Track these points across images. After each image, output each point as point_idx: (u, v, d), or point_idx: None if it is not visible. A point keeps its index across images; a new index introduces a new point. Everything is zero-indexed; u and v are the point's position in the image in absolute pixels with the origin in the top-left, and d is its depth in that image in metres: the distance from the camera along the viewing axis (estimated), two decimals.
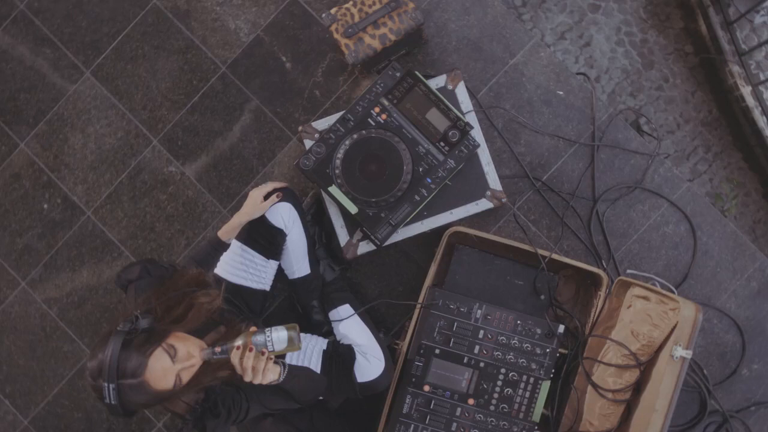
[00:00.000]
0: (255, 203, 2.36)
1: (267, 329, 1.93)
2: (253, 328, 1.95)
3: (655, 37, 2.98)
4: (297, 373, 2.12)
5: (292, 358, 2.33)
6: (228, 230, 2.35)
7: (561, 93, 2.69)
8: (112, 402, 1.78)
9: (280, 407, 2.22)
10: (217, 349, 1.89)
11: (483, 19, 2.73)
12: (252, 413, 2.14)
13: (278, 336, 1.93)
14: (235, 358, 1.89)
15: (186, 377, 1.88)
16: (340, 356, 2.36)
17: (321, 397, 2.37)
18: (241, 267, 2.38)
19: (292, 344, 1.93)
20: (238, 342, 1.89)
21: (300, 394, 2.16)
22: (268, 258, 2.41)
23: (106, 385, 1.77)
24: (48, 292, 2.88)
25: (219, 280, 2.36)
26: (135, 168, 2.85)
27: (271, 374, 1.96)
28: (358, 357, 2.36)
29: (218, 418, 2.03)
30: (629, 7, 2.98)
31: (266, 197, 2.38)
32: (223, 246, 2.35)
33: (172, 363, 1.84)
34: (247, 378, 1.90)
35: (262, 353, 1.90)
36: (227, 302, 2.28)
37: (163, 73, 2.85)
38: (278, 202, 2.37)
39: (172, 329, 1.90)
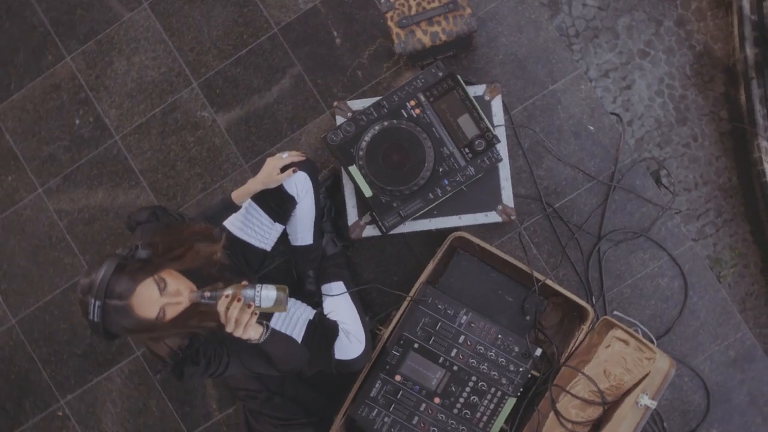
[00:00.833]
0: (270, 173, 2.40)
1: (258, 285, 1.98)
2: (244, 282, 2.01)
3: (694, 95, 3.03)
4: (279, 338, 2.16)
5: (278, 322, 2.41)
6: (242, 194, 2.40)
7: (591, 128, 2.75)
8: (95, 319, 1.85)
9: (259, 371, 2.28)
10: (206, 294, 1.94)
11: (534, 40, 2.78)
12: (230, 370, 2.19)
13: (267, 294, 1.97)
14: (221, 306, 1.94)
15: (170, 313, 1.93)
16: (324, 329, 2.44)
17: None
18: (247, 223, 2.46)
19: (279, 304, 1.98)
20: (228, 291, 1.95)
21: (280, 361, 2.21)
22: (275, 221, 2.49)
23: (92, 300, 1.84)
24: (62, 203, 2.97)
25: (223, 230, 2.44)
26: (170, 105, 2.93)
27: (253, 331, 2.01)
28: (341, 335, 2.44)
29: (197, 367, 2.09)
30: (677, 61, 3.03)
31: (284, 169, 2.43)
32: (235, 208, 2.40)
33: (160, 295, 1.90)
34: (229, 328, 1.95)
35: (249, 306, 1.95)
36: (226, 251, 2.35)
37: (217, 21, 2.91)
38: (298, 171, 2.43)
39: (167, 265, 1.96)
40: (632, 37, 3.07)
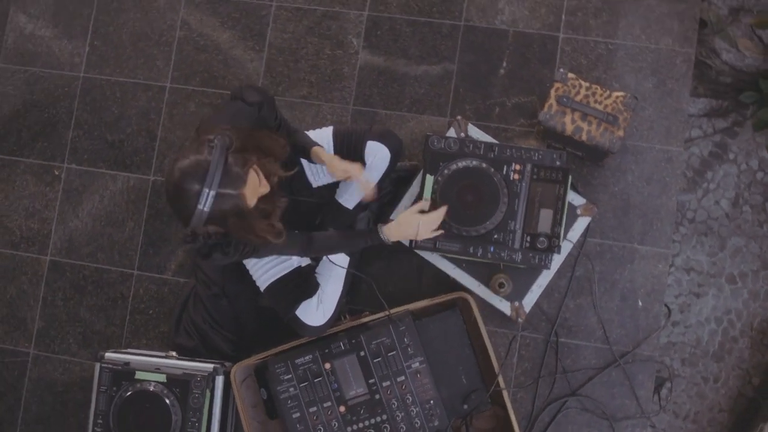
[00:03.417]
0: (343, 173, 2.43)
1: None
2: None
3: (744, 346, 2.97)
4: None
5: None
6: (317, 156, 2.43)
7: (640, 304, 2.72)
8: (205, 209, 1.89)
9: (267, 255, 2.37)
10: None
11: (652, 198, 2.75)
12: (252, 256, 2.27)
13: None
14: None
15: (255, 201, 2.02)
16: (304, 282, 2.46)
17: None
18: None
19: None
20: None
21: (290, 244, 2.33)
22: None
23: (206, 191, 1.87)
24: (191, 17, 3.03)
25: (293, 131, 2.49)
26: (333, 13, 2.96)
27: None
28: (315, 298, 2.46)
29: (225, 257, 2.15)
30: (753, 308, 2.97)
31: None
32: (309, 158, 2.45)
33: (259, 184, 2.00)
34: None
35: None
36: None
37: None
38: (385, 146, 2.49)
39: (253, 159, 2.01)
40: (734, 259, 3.02)
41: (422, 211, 2.46)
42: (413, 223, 2.42)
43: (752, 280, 3.03)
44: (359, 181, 2.48)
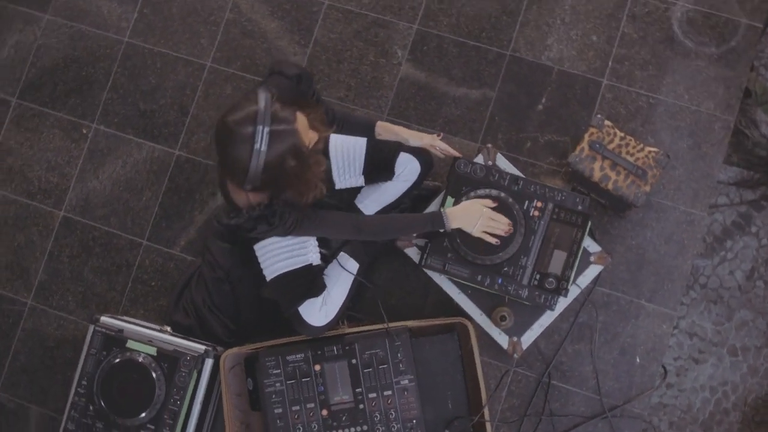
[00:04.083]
0: (423, 138, 2.54)
1: None
2: None
3: (733, 419, 2.94)
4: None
5: (284, 241, 2.42)
6: (387, 129, 2.52)
7: (638, 360, 2.70)
8: (262, 147, 1.92)
9: (311, 234, 2.37)
10: None
11: (668, 258, 2.73)
12: (295, 231, 2.26)
13: None
14: None
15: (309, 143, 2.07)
16: (312, 281, 2.45)
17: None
18: (345, 154, 2.49)
19: None
20: None
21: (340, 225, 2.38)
22: (363, 174, 2.52)
23: (260, 128, 1.92)
24: (241, 1, 3.04)
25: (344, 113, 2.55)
26: (384, 21, 2.96)
27: None
28: (320, 298, 2.45)
29: (270, 227, 2.17)
30: (750, 384, 2.95)
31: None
32: (370, 133, 2.50)
33: (308, 127, 2.04)
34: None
35: None
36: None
37: (478, 3, 2.93)
38: (416, 160, 2.48)
39: (295, 107, 2.06)
40: (739, 331, 3.00)
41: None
42: (477, 211, 2.43)
43: (754, 356, 3.01)
44: (438, 146, 2.58)
